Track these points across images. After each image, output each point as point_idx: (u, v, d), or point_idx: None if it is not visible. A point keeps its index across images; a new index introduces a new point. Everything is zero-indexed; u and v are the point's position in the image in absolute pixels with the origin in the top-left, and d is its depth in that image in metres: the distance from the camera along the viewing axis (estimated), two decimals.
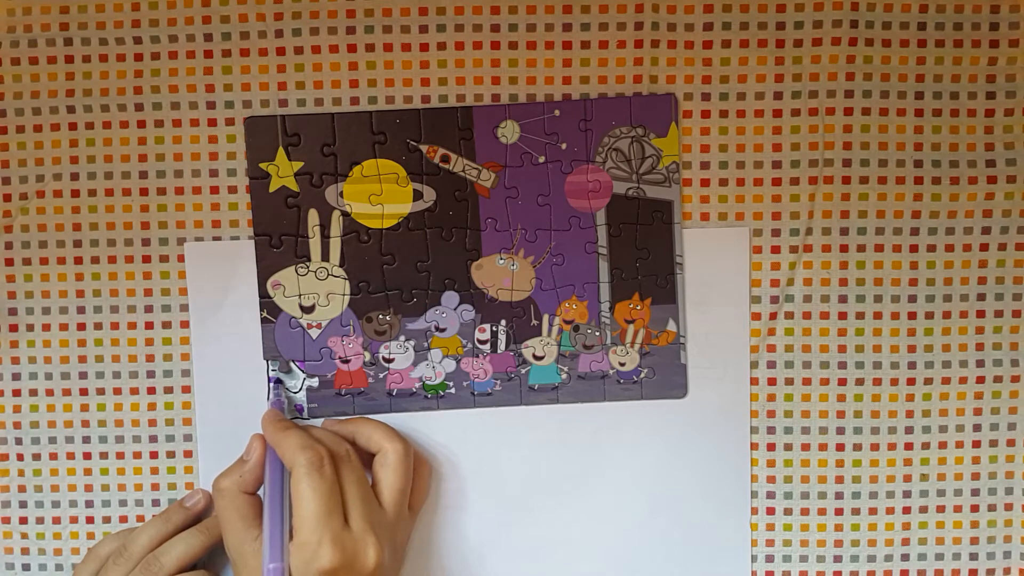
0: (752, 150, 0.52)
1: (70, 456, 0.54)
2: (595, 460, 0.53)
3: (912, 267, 0.52)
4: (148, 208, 0.53)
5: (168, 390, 0.53)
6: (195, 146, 0.52)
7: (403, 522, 0.50)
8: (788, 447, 0.53)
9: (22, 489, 0.54)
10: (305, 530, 0.45)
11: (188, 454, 0.54)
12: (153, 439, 0.54)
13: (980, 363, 0.53)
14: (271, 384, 0.53)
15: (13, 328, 0.54)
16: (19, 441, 0.54)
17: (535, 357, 0.53)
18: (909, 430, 0.53)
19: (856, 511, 0.53)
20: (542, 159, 0.52)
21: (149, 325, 0.53)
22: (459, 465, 0.53)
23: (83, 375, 0.54)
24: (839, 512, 0.53)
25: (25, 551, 0.54)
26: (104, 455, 0.54)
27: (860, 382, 0.53)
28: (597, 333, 0.53)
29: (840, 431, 0.53)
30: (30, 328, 0.53)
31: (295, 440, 0.47)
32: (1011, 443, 0.53)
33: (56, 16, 0.52)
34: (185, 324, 0.53)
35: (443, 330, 0.53)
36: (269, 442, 0.49)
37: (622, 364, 0.53)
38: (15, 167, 0.53)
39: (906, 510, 0.53)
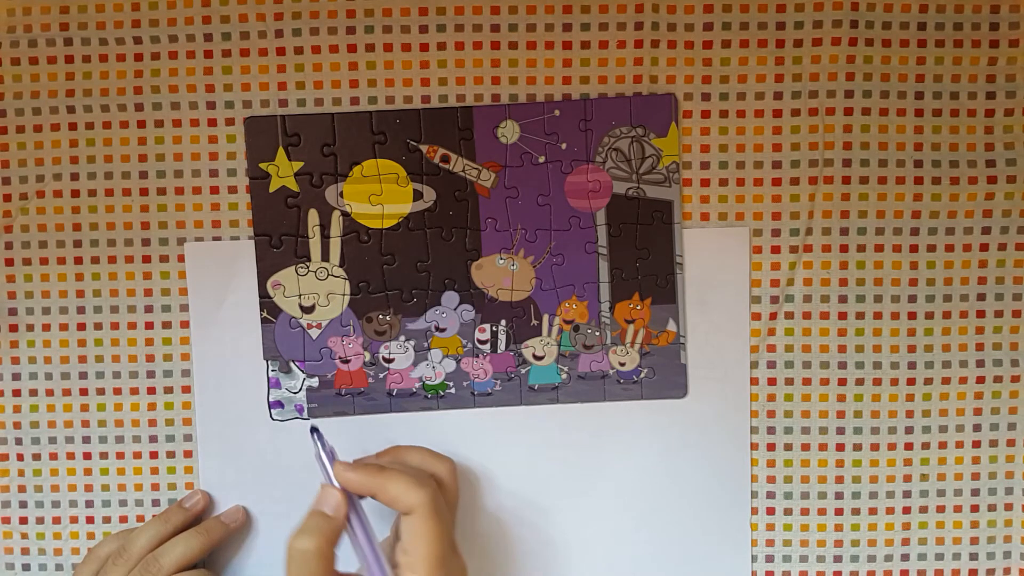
0: (752, 150, 0.52)
1: (70, 456, 0.54)
2: (595, 460, 0.53)
3: (912, 267, 0.52)
4: (148, 208, 0.53)
5: (168, 390, 0.53)
6: (195, 146, 0.52)
7: None
8: (788, 447, 0.53)
9: (22, 489, 0.54)
10: (424, 572, 0.43)
11: (188, 454, 0.54)
12: (153, 439, 0.54)
13: (980, 363, 0.53)
14: (313, 434, 0.48)
15: (13, 328, 0.54)
16: (19, 441, 0.54)
17: (535, 357, 0.53)
18: (909, 430, 0.53)
19: (856, 511, 0.53)
20: (542, 159, 0.52)
21: (149, 325, 0.53)
22: (459, 465, 0.53)
23: (83, 375, 0.54)
24: (839, 512, 0.53)
25: (25, 551, 0.54)
26: (104, 455, 0.54)
27: (860, 382, 0.53)
28: (597, 333, 0.53)
29: (840, 431, 0.53)
30: (30, 328, 0.53)
31: (405, 480, 0.45)
32: (1011, 443, 0.53)
33: (56, 16, 0.52)
34: (185, 324, 0.53)
35: (443, 330, 0.53)
36: (366, 490, 0.45)
37: (622, 364, 0.53)
38: (15, 167, 0.53)
39: (906, 510, 0.53)
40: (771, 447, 0.53)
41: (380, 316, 0.53)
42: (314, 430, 0.48)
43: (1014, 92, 0.51)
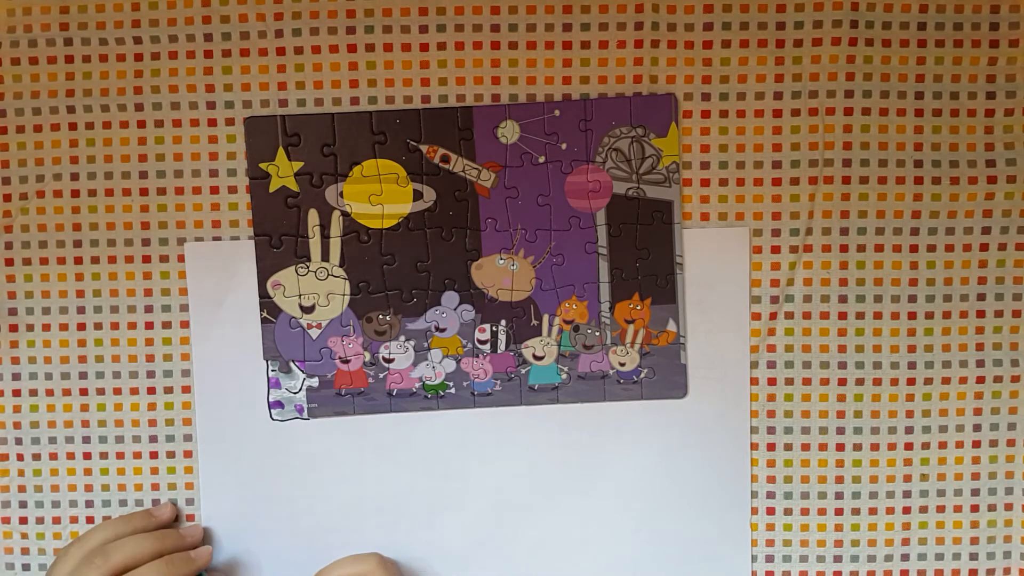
0: (752, 150, 0.52)
1: (70, 456, 0.54)
2: (595, 460, 0.53)
3: (912, 267, 0.52)
4: (148, 208, 0.53)
5: (168, 390, 0.53)
6: (195, 146, 0.52)
7: None
8: (788, 447, 0.53)
9: (22, 489, 0.54)
10: None
11: (188, 454, 0.54)
12: (153, 439, 0.54)
13: (980, 363, 0.53)
14: None
15: (13, 328, 0.54)
16: (19, 441, 0.54)
17: (535, 357, 0.53)
18: (909, 430, 0.53)
19: (856, 511, 0.53)
20: (542, 159, 0.52)
21: (149, 325, 0.53)
22: (459, 465, 0.53)
23: (83, 375, 0.54)
24: (839, 512, 0.53)
25: (25, 551, 0.54)
26: (104, 455, 0.54)
27: (860, 382, 0.53)
28: (597, 333, 0.53)
29: (840, 431, 0.53)
30: (30, 328, 0.53)
31: (343, 560, 0.51)
32: (1011, 443, 0.53)
33: (56, 16, 0.52)
34: (185, 324, 0.53)
35: (443, 330, 0.53)
36: None
37: (622, 364, 0.53)
38: (15, 167, 0.53)
39: (906, 510, 0.53)
40: (771, 447, 0.53)
41: (380, 316, 0.53)
42: None
43: (1014, 92, 0.51)
